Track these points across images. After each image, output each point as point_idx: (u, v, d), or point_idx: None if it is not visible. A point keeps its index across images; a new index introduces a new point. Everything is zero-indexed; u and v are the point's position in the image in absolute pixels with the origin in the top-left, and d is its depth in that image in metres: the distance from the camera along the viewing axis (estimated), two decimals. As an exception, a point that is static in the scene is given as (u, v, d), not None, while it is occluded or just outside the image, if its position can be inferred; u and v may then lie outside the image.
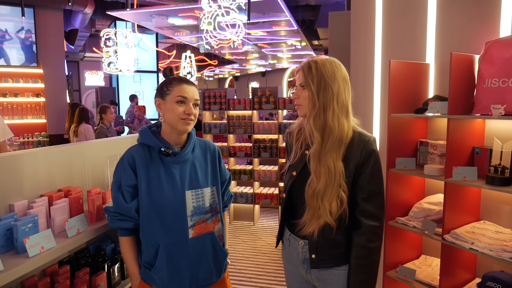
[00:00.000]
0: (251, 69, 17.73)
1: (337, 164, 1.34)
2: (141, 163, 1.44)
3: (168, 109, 1.43)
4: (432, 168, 2.01)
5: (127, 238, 1.48)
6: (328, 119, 1.34)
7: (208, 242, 1.51)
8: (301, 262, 1.49)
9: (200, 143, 1.59)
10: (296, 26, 7.87)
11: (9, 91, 5.94)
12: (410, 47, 2.43)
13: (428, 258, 2.34)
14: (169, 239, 1.43)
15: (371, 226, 1.35)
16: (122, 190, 1.44)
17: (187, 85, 1.45)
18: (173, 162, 1.45)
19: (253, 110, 4.86)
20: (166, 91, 1.45)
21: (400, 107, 2.20)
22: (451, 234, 1.90)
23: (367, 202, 1.36)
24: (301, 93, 1.39)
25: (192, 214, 1.46)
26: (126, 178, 1.44)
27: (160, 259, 1.42)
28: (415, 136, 2.30)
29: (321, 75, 1.34)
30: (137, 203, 1.44)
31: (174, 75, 1.53)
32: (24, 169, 1.58)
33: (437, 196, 2.22)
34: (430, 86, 2.34)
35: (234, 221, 5.15)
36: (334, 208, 1.33)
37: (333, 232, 1.37)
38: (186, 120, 1.43)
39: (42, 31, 6.28)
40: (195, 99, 1.46)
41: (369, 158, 1.35)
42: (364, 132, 1.41)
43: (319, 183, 1.34)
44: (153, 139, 1.46)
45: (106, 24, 9.11)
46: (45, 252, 1.30)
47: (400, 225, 2.17)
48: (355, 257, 1.37)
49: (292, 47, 10.89)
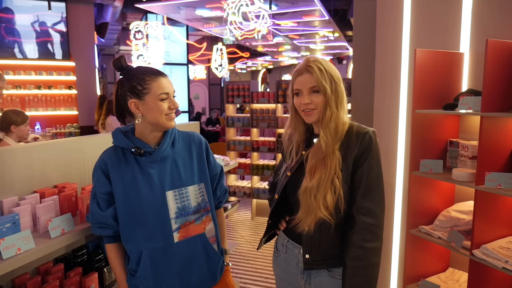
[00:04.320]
0: (284, 61, 17.43)
1: (333, 155, 1.27)
2: (113, 167, 1.33)
3: (150, 109, 1.30)
4: (461, 173, 1.76)
5: (112, 245, 1.39)
6: (339, 121, 1.30)
7: (198, 245, 1.38)
8: (301, 271, 1.37)
9: (183, 136, 1.45)
10: (328, 16, 7.55)
11: (43, 84, 6.12)
12: (442, 35, 2.17)
13: (457, 272, 2.09)
14: (152, 245, 1.32)
15: (368, 223, 1.25)
16: (97, 198, 1.35)
17: (163, 78, 1.33)
18: (150, 161, 1.33)
19: (277, 104, 4.69)
20: (142, 90, 1.30)
21: (427, 102, 1.96)
22: (481, 250, 1.66)
23: (364, 197, 1.26)
24: (314, 97, 1.30)
25: (176, 216, 1.34)
26: (100, 185, 1.35)
27: (143, 267, 1.31)
28: (444, 135, 2.05)
29: (331, 76, 1.29)
30: (114, 210, 1.34)
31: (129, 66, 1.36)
32: (17, 164, 1.53)
33: (468, 203, 1.96)
34: (464, 78, 2.07)
35: (256, 217, 5.03)
36: (330, 199, 1.25)
37: (331, 229, 1.29)
38: (170, 115, 1.32)
39: (74, 25, 6.42)
40: (173, 91, 1.36)
41: (367, 150, 1.27)
42: (362, 125, 1.34)
43: (313, 179, 1.27)
44: (124, 140, 1.34)
45: (138, 17, 9.21)
46: (21, 254, 1.23)
47: (423, 234, 1.95)
48: (350, 258, 1.26)
49: (325, 38, 10.52)
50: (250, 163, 4.94)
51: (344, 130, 1.30)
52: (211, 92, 16.73)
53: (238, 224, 4.80)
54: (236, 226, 4.70)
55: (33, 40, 6.15)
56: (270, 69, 20.74)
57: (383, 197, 1.30)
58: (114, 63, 1.35)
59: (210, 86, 16.59)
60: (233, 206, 2.88)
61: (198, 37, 12.49)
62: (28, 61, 6.08)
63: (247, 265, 3.56)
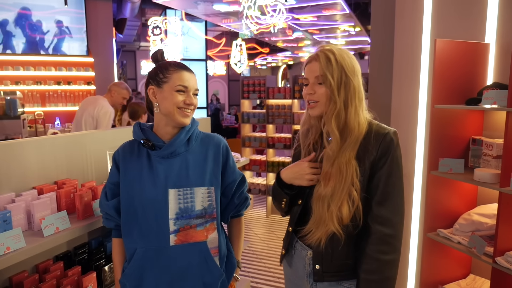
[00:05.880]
0: (304, 57, 17.20)
1: (349, 164, 1.15)
2: (125, 158, 1.31)
3: (165, 98, 1.27)
4: (484, 173, 1.62)
5: (117, 240, 1.35)
6: (349, 118, 1.16)
7: (196, 253, 1.28)
8: (307, 275, 1.27)
9: (203, 137, 1.38)
10: (348, 10, 7.33)
11: (62, 80, 6.21)
12: (465, 24, 2.01)
13: (478, 279, 1.94)
14: (146, 243, 1.25)
15: (384, 234, 1.14)
16: (106, 187, 1.35)
17: (187, 73, 1.29)
18: (159, 156, 1.28)
19: (293, 99, 4.57)
20: (163, 78, 1.27)
21: (448, 97, 1.82)
22: (505, 257, 1.52)
23: (381, 205, 1.15)
24: (318, 88, 1.18)
25: (176, 217, 1.26)
26: (111, 175, 1.35)
27: (132, 266, 1.25)
28: (467, 133, 1.90)
29: (341, 68, 1.16)
30: (118, 201, 1.30)
31: (166, 60, 1.35)
32: (15, 159, 1.50)
33: (492, 206, 1.82)
34: (490, 71, 1.92)
35: (271, 215, 4.95)
36: (345, 212, 1.14)
37: (344, 242, 1.18)
38: (185, 111, 1.27)
39: (93, 21, 6.48)
40: (195, 88, 1.31)
41: (387, 153, 1.15)
42: (383, 125, 1.21)
43: (327, 187, 1.17)
44: (138, 133, 1.32)
45: (158, 13, 9.25)
46: (10, 253, 1.19)
47: (441, 239, 1.81)
48: (365, 270, 1.16)
49: (346, 32, 10.26)
50: (265, 160, 4.85)
51: (362, 132, 1.17)
52: (230, 88, 16.70)
53: (252, 221, 4.73)
54: (251, 224, 4.63)
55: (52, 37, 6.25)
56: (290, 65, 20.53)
57: (402, 205, 1.18)
58: (152, 56, 1.36)
59: (229, 82, 16.56)
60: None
61: (217, 33, 12.45)
62: (49, 57, 6.18)
63: (259, 264, 3.49)
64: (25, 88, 5.83)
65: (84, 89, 6.40)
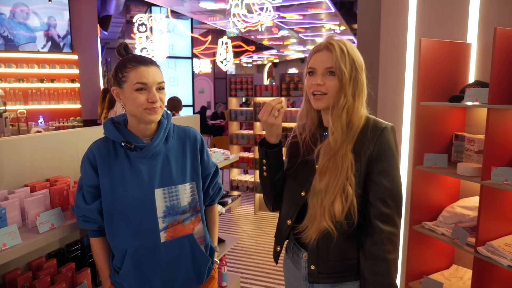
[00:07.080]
0: (290, 55, 17.30)
1: (345, 157, 1.12)
2: (102, 160, 1.27)
3: (127, 99, 1.22)
4: (466, 167, 1.70)
5: (97, 239, 1.34)
6: (354, 114, 1.14)
7: (185, 246, 1.32)
8: (304, 278, 1.25)
9: (178, 132, 1.38)
10: (334, 9, 7.43)
11: (46, 77, 6.10)
12: (448, 24, 2.09)
13: (460, 269, 2.03)
14: (137, 243, 1.26)
15: (389, 232, 1.10)
16: (83, 190, 1.30)
17: (144, 67, 1.21)
18: (140, 157, 1.26)
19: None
20: (122, 78, 1.22)
21: (432, 94, 1.89)
22: (486, 247, 1.60)
23: (383, 202, 1.11)
24: (328, 80, 1.13)
25: (164, 215, 1.28)
26: (87, 177, 1.29)
27: (127, 266, 1.26)
28: (450, 129, 1.98)
29: (353, 62, 1.13)
30: (100, 204, 1.28)
31: (130, 54, 1.29)
32: (6, 156, 1.49)
33: (474, 199, 1.90)
34: (471, 70, 2.00)
35: (259, 211, 4.99)
36: (338, 208, 1.09)
37: (338, 240, 1.14)
38: (151, 110, 1.22)
39: (77, 17, 6.38)
40: (157, 82, 1.23)
41: (386, 148, 1.12)
42: (380, 120, 1.18)
43: (322, 181, 1.13)
44: (114, 133, 1.26)
45: (143, 10, 9.16)
46: (6, 250, 1.19)
47: (426, 231, 1.89)
48: (374, 272, 1.10)
49: (331, 31, 10.38)
50: (253, 157, 4.89)
51: (360, 126, 1.14)
52: (216, 86, 16.66)
53: (241, 218, 4.76)
54: (239, 221, 4.67)
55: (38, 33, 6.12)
56: (276, 63, 20.60)
57: (402, 202, 1.15)
58: (116, 50, 1.30)
59: (215, 80, 16.53)
60: (233, 200, 2.83)
61: (203, 31, 12.41)
62: (31, 54, 6.06)
63: (248, 260, 3.52)
64: (6, 86, 5.70)
65: (68, 87, 6.30)
